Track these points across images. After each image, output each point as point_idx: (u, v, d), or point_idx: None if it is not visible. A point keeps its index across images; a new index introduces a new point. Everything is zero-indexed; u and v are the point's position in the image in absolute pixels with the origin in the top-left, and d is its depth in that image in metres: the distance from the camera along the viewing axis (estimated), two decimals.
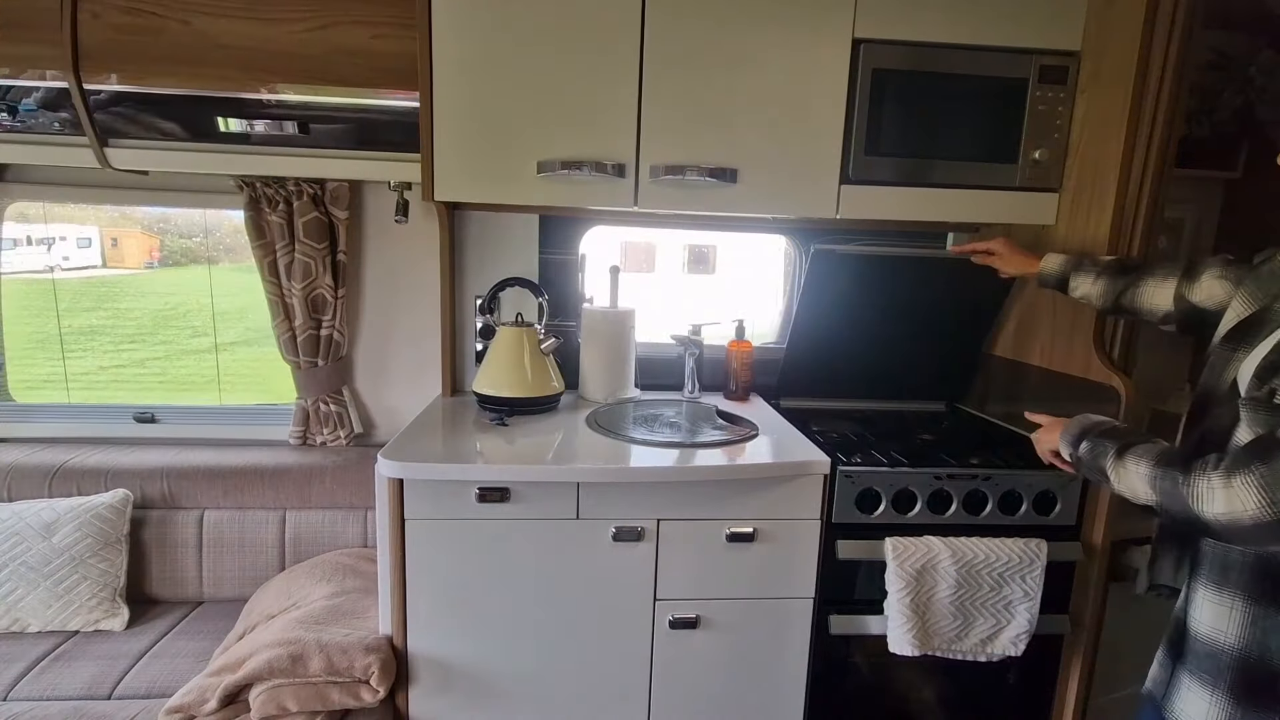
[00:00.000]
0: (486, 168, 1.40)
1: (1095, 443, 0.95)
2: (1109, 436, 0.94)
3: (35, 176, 1.73)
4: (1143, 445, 0.89)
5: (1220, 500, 0.76)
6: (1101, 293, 1.24)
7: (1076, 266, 1.29)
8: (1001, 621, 1.27)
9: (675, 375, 1.82)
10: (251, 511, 1.66)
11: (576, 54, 1.37)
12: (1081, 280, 1.27)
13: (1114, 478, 0.90)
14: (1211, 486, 0.77)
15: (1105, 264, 1.26)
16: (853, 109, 1.42)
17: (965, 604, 1.26)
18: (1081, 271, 1.28)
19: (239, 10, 1.38)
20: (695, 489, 1.29)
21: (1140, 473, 0.86)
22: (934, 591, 1.26)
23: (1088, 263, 1.28)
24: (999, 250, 1.42)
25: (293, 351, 1.73)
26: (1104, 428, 0.98)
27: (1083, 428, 0.99)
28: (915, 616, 1.25)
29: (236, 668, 1.20)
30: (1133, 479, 0.87)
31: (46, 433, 1.82)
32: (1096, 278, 1.25)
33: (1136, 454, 0.88)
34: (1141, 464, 0.86)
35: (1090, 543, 1.35)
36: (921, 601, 1.26)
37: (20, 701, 1.29)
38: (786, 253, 1.95)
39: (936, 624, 1.26)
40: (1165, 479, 0.82)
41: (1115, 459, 0.90)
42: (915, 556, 1.25)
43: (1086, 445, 0.96)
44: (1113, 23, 1.35)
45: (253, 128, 1.46)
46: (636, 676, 1.35)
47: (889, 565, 1.26)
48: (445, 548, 1.27)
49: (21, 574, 1.48)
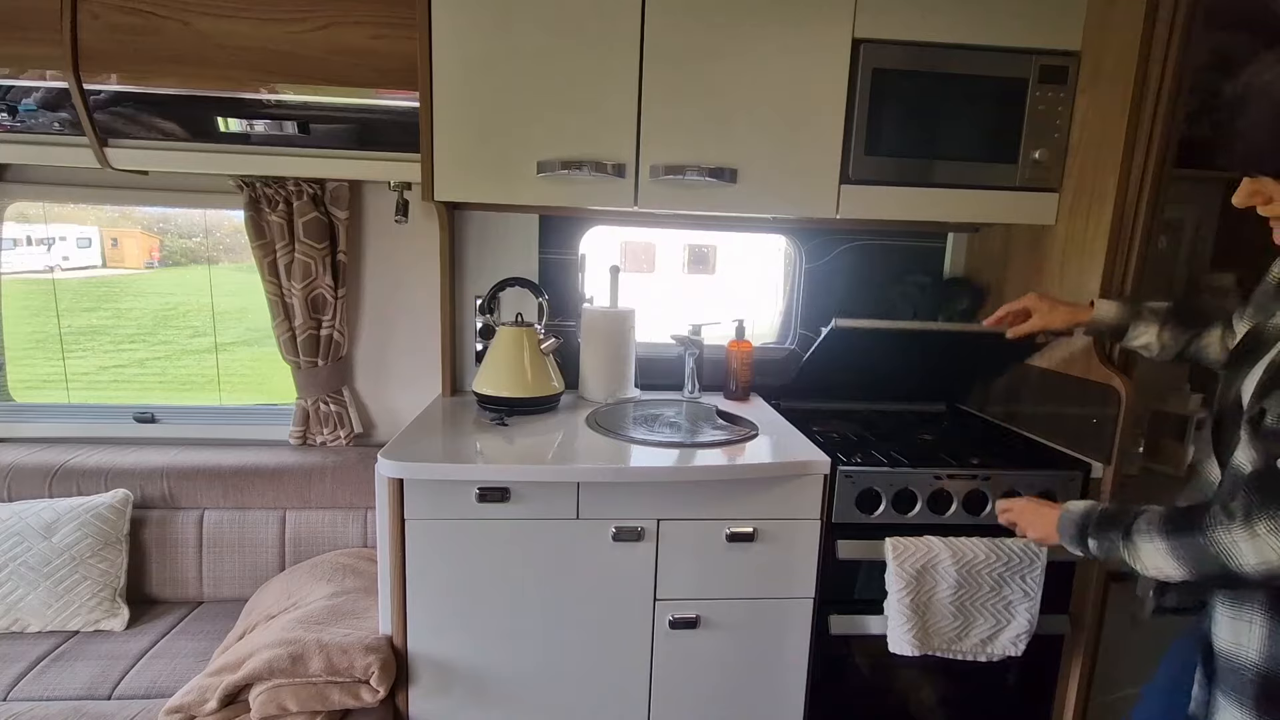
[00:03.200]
0: (486, 168, 1.40)
1: (1101, 538, 0.92)
2: (1109, 525, 0.91)
3: (35, 176, 1.72)
4: (1143, 518, 0.87)
5: (1250, 552, 0.75)
6: (1166, 344, 1.17)
7: (1136, 316, 1.21)
8: (1001, 621, 1.28)
9: (675, 375, 1.82)
10: (251, 511, 1.66)
11: (576, 54, 1.37)
12: (1143, 331, 1.20)
13: (1136, 565, 0.87)
14: (1235, 540, 0.76)
15: (1165, 312, 1.19)
16: (853, 109, 1.42)
17: (965, 604, 1.26)
18: (1142, 321, 1.20)
19: (239, 10, 1.38)
20: (695, 489, 1.29)
21: (1158, 549, 0.84)
22: (934, 591, 1.26)
23: (1147, 311, 1.21)
24: (1036, 306, 1.29)
25: (293, 351, 1.73)
26: (1098, 516, 0.94)
27: (1079, 525, 0.96)
28: (915, 616, 1.25)
29: (236, 668, 1.20)
30: (1154, 558, 0.84)
31: (46, 433, 1.82)
32: (1161, 328, 1.18)
33: (1143, 532, 0.86)
34: (1154, 540, 0.84)
35: None
36: (921, 601, 1.26)
37: (20, 701, 1.29)
38: (786, 253, 1.95)
39: (936, 624, 1.26)
40: (1185, 546, 0.81)
41: (1128, 546, 0.88)
42: (915, 556, 1.25)
43: (1095, 543, 0.93)
44: (1113, 23, 1.35)
45: (253, 128, 1.46)
46: (636, 676, 1.35)
47: (889, 565, 1.26)
48: (445, 548, 1.27)
49: (21, 574, 1.47)
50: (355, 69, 1.42)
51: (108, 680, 1.36)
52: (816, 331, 1.87)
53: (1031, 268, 1.59)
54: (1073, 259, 1.44)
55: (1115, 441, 1.32)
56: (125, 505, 1.59)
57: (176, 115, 1.45)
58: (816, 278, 1.89)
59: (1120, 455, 1.34)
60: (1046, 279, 1.53)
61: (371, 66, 1.42)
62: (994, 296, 1.75)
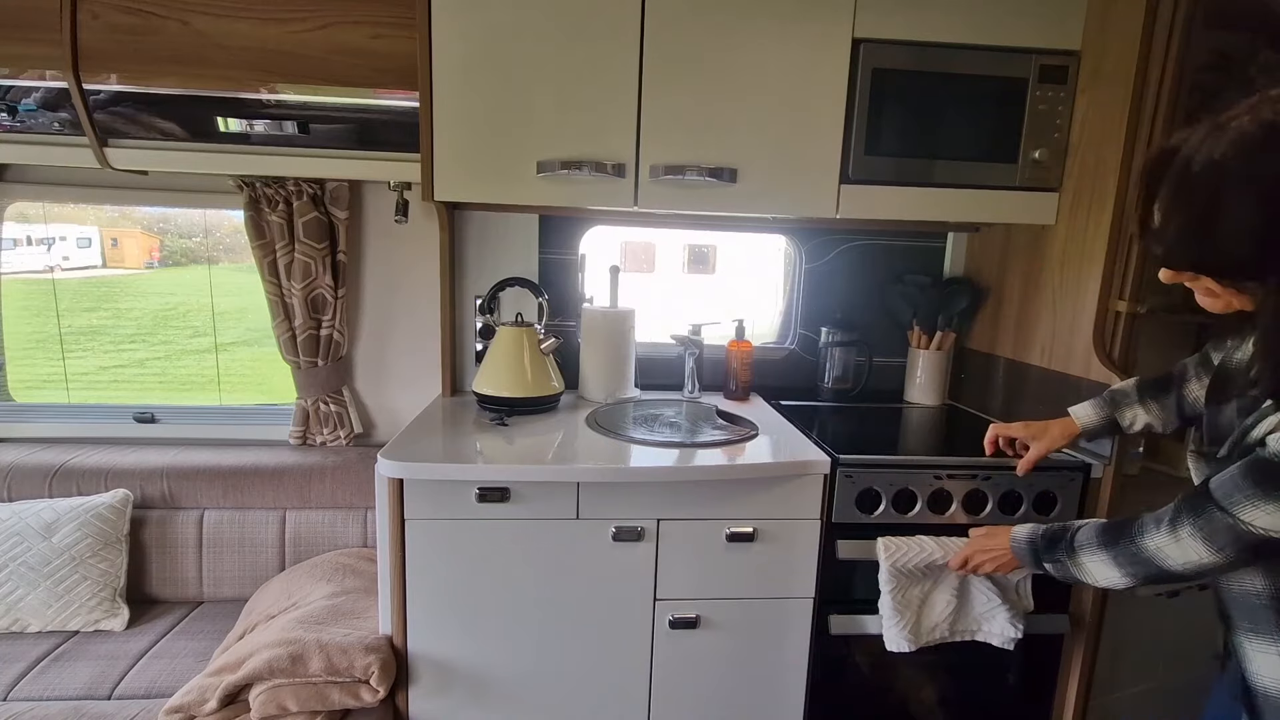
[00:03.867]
0: (486, 168, 1.40)
1: (1052, 560, 1.01)
2: (1054, 545, 1.01)
3: (35, 176, 1.72)
4: (1080, 532, 0.97)
5: (1176, 553, 0.84)
6: (1162, 416, 1.15)
7: (1114, 405, 1.19)
8: (994, 602, 1.27)
9: (675, 375, 1.82)
10: (251, 511, 1.66)
11: (576, 54, 1.37)
12: (1130, 413, 1.18)
13: (1086, 578, 0.96)
14: (1160, 545, 0.85)
15: (1139, 386, 1.18)
16: (853, 109, 1.42)
17: (958, 594, 1.26)
18: (1123, 407, 1.18)
19: (239, 10, 1.38)
20: (695, 489, 1.29)
21: (1101, 560, 0.93)
22: (926, 588, 1.26)
23: (1120, 395, 1.19)
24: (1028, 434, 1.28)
25: (293, 351, 1.73)
26: (1042, 539, 1.04)
27: (1031, 550, 1.05)
28: (909, 612, 1.25)
29: (236, 668, 1.20)
30: (1100, 569, 0.93)
31: (46, 433, 1.81)
32: (1143, 405, 1.16)
33: (1084, 546, 0.95)
34: (1096, 552, 0.93)
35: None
36: (914, 598, 1.25)
37: (20, 701, 1.29)
38: (786, 253, 1.95)
39: (930, 617, 1.26)
40: (1122, 554, 0.90)
41: (1075, 563, 0.97)
42: (906, 555, 1.25)
43: (1050, 566, 1.01)
44: (1113, 23, 1.35)
45: (253, 128, 1.46)
46: (636, 676, 1.35)
47: (881, 564, 1.26)
48: (445, 548, 1.27)
49: (21, 574, 1.47)
50: (355, 69, 1.42)
51: (108, 680, 1.36)
52: (816, 331, 1.88)
53: (1031, 268, 1.59)
54: (1073, 259, 1.44)
55: (1115, 442, 1.32)
56: (125, 505, 1.59)
57: (176, 115, 1.45)
58: (816, 278, 1.89)
59: (1120, 455, 1.34)
60: (1046, 279, 1.53)
61: (371, 66, 1.42)
62: (994, 296, 1.75)
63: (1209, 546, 0.80)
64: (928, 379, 1.83)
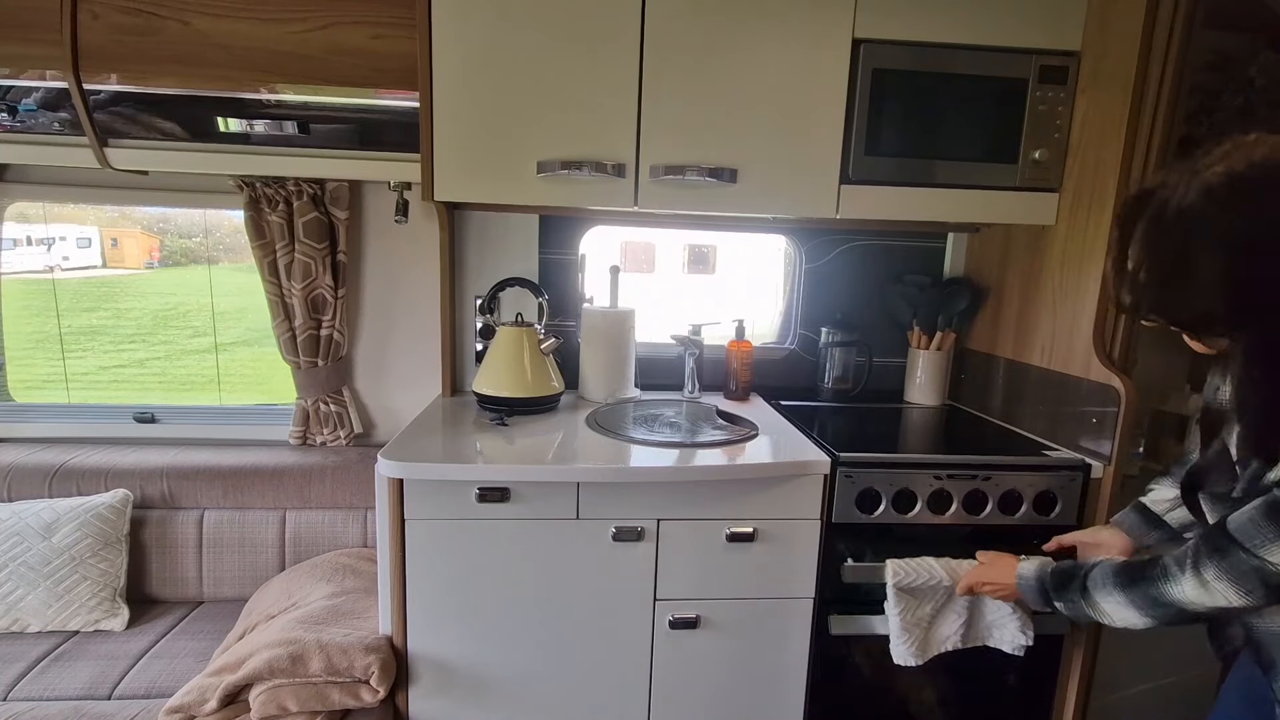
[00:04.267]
0: (486, 168, 1.40)
1: (1063, 599, 0.98)
2: (1065, 584, 0.97)
3: (35, 176, 1.72)
4: (1095, 573, 0.93)
5: (1203, 597, 0.81)
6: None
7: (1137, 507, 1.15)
8: (1006, 623, 1.26)
9: (675, 375, 1.82)
10: (251, 511, 1.66)
11: (577, 54, 1.37)
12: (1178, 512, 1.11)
13: (1101, 619, 0.93)
14: (1185, 591, 0.83)
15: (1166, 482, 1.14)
16: (853, 109, 1.42)
17: (970, 610, 1.26)
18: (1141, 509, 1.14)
19: (239, 10, 1.38)
20: (695, 489, 1.29)
21: (1118, 601, 0.90)
22: (936, 608, 1.25)
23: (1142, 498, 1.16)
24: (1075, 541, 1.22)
25: (293, 351, 1.73)
26: (1051, 577, 1.00)
27: (1039, 588, 1.02)
28: (917, 630, 1.24)
29: (236, 668, 1.20)
30: (1117, 610, 0.90)
31: (46, 433, 1.81)
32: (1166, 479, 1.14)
33: (1100, 587, 0.92)
34: (1113, 593, 0.90)
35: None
36: (923, 617, 1.25)
37: (20, 701, 1.29)
38: (786, 253, 1.95)
39: (938, 633, 1.26)
40: (1142, 598, 0.87)
41: (1089, 603, 0.93)
42: (912, 579, 1.23)
43: (1060, 604, 0.99)
44: (1113, 23, 1.35)
45: (253, 128, 1.46)
46: (636, 676, 1.35)
47: (889, 588, 1.24)
48: (445, 548, 1.26)
49: (21, 574, 1.47)
50: (355, 69, 1.42)
51: (108, 680, 1.36)
52: (816, 332, 1.88)
53: (1031, 268, 1.59)
54: (1073, 259, 1.44)
55: (1115, 441, 1.32)
56: (125, 505, 1.59)
57: (176, 115, 1.45)
58: (816, 278, 1.89)
59: (1120, 455, 1.33)
60: (1046, 279, 1.53)
61: (371, 66, 1.42)
62: (994, 297, 1.75)
63: (1237, 590, 0.79)
64: (928, 379, 1.83)
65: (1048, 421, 1.52)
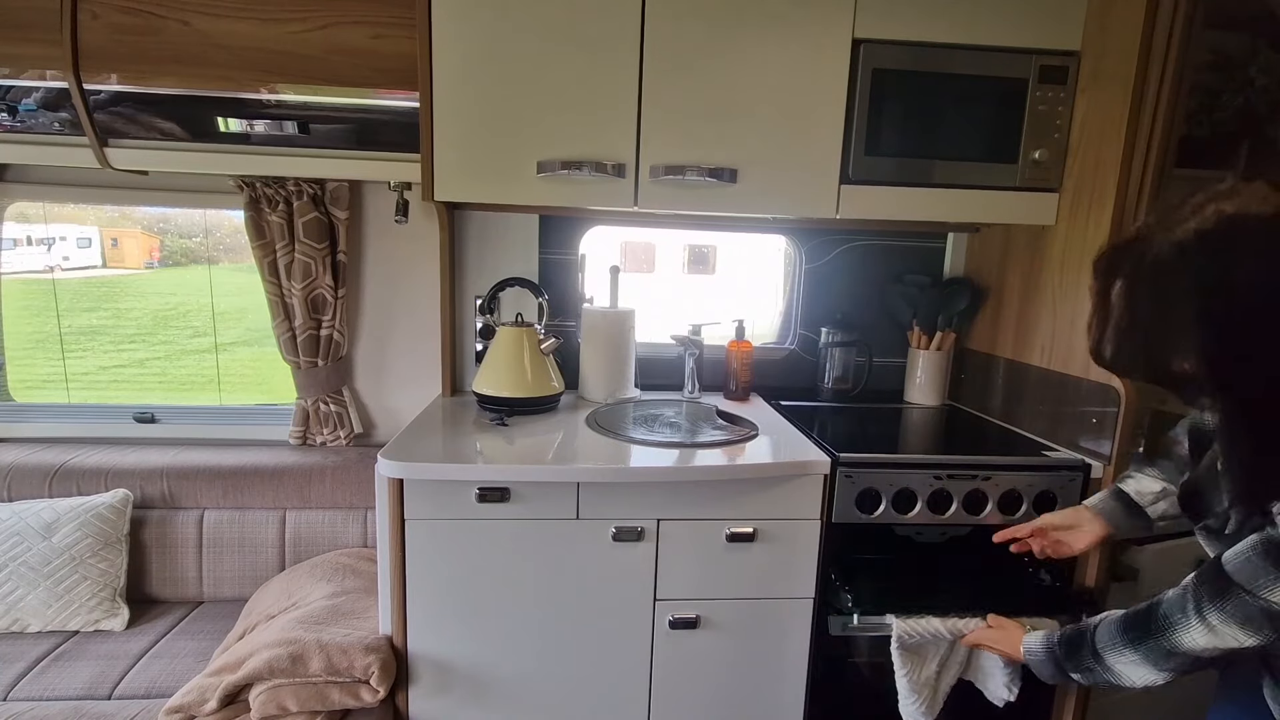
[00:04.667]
0: (486, 168, 1.40)
1: (1079, 669, 0.93)
2: (1075, 651, 0.93)
3: (35, 176, 1.72)
4: (1100, 632, 0.90)
5: (1212, 640, 0.80)
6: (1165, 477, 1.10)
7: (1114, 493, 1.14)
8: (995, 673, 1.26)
9: (675, 375, 1.82)
10: (251, 511, 1.66)
11: (576, 54, 1.37)
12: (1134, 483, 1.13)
13: (1124, 683, 0.89)
14: (1194, 638, 0.81)
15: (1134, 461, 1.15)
16: (853, 109, 1.42)
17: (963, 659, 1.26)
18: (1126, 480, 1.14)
19: (239, 10, 1.38)
20: (695, 489, 1.29)
21: (1133, 661, 0.87)
22: (939, 667, 1.25)
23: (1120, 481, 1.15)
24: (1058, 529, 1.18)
25: (293, 351, 1.73)
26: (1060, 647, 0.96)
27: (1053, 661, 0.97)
28: (926, 690, 1.24)
29: (236, 668, 1.20)
30: (1135, 671, 0.87)
31: (46, 433, 1.81)
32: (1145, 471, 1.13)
33: (1110, 648, 0.89)
34: (1124, 652, 0.87)
35: None
36: (929, 677, 1.25)
37: (20, 701, 1.29)
38: (786, 253, 1.95)
39: (943, 687, 1.26)
40: (1154, 652, 0.84)
41: (1105, 669, 0.90)
42: (917, 639, 1.23)
43: (1078, 675, 0.94)
44: (1113, 23, 1.35)
45: (253, 128, 1.46)
46: (636, 676, 1.35)
47: (894, 650, 1.23)
48: (445, 548, 1.26)
49: (21, 574, 1.47)
50: (355, 69, 1.42)
51: (108, 680, 1.36)
52: (816, 332, 1.88)
53: (1031, 268, 1.59)
54: (1073, 259, 1.44)
55: (1115, 442, 1.32)
56: (125, 505, 1.59)
57: (176, 115, 1.45)
58: (816, 278, 1.89)
59: (1120, 455, 1.33)
60: (1046, 279, 1.53)
61: (371, 66, 1.42)
62: (994, 296, 1.75)
63: (1245, 630, 0.78)
64: (928, 379, 1.84)
65: (1048, 421, 1.52)
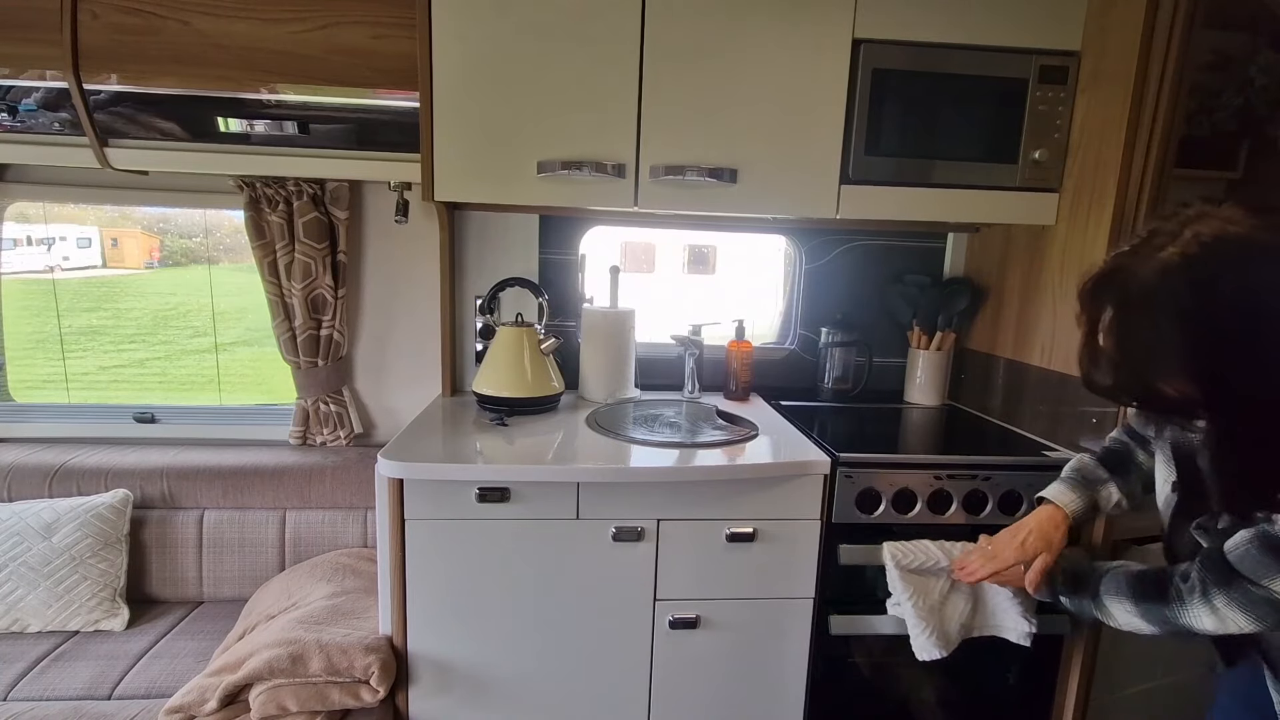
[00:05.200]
0: (486, 168, 1.40)
1: (1072, 598, 1.01)
2: (1076, 586, 1.01)
3: (35, 176, 1.72)
4: (1109, 579, 0.96)
5: (1213, 623, 0.84)
6: (1130, 492, 1.13)
7: (1089, 484, 1.13)
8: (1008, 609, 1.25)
9: (675, 375, 1.82)
10: (251, 511, 1.66)
11: (576, 54, 1.37)
12: (1106, 491, 1.13)
13: (1109, 621, 0.96)
14: (1198, 614, 0.85)
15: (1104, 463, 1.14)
16: (853, 109, 1.42)
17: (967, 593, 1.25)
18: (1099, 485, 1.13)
19: (239, 10, 1.38)
20: (695, 489, 1.29)
21: (1128, 610, 0.93)
22: (945, 591, 1.25)
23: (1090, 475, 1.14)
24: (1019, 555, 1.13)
25: (293, 351, 1.73)
26: (1062, 574, 1.03)
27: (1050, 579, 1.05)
28: (933, 618, 1.23)
29: (236, 668, 1.20)
30: (1126, 618, 0.93)
31: (46, 433, 1.81)
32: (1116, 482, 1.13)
33: (1111, 595, 0.95)
34: (1124, 602, 0.94)
35: (1091, 542, 1.34)
36: (934, 603, 1.24)
37: (20, 701, 1.29)
38: (786, 253, 1.95)
39: (951, 619, 1.24)
40: (1153, 613, 0.90)
41: (1098, 606, 0.97)
42: (914, 560, 1.24)
43: (1067, 601, 1.02)
44: (1113, 23, 1.35)
45: (253, 128, 1.46)
46: (636, 676, 1.35)
47: (889, 571, 1.24)
48: (445, 548, 1.26)
49: (21, 574, 1.47)
50: (355, 69, 1.42)
51: (108, 680, 1.35)
52: (816, 332, 1.88)
53: (1031, 268, 1.59)
54: (1073, 259, 1.44)
55: None
56: (125, 505, 1.59)
57: (176, 115, 1.45)
58: (816, 278, 1.89)
59: None
60: (1046, 279, 1.53)
61: (371, 66, 1.42)
62: (994, 297, 1.75)
63: (1248, 617, 0.81)
64: (928, 379, 1.84)
65: (1048, 421, 1.52)
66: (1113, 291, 0.79)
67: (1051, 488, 1.16)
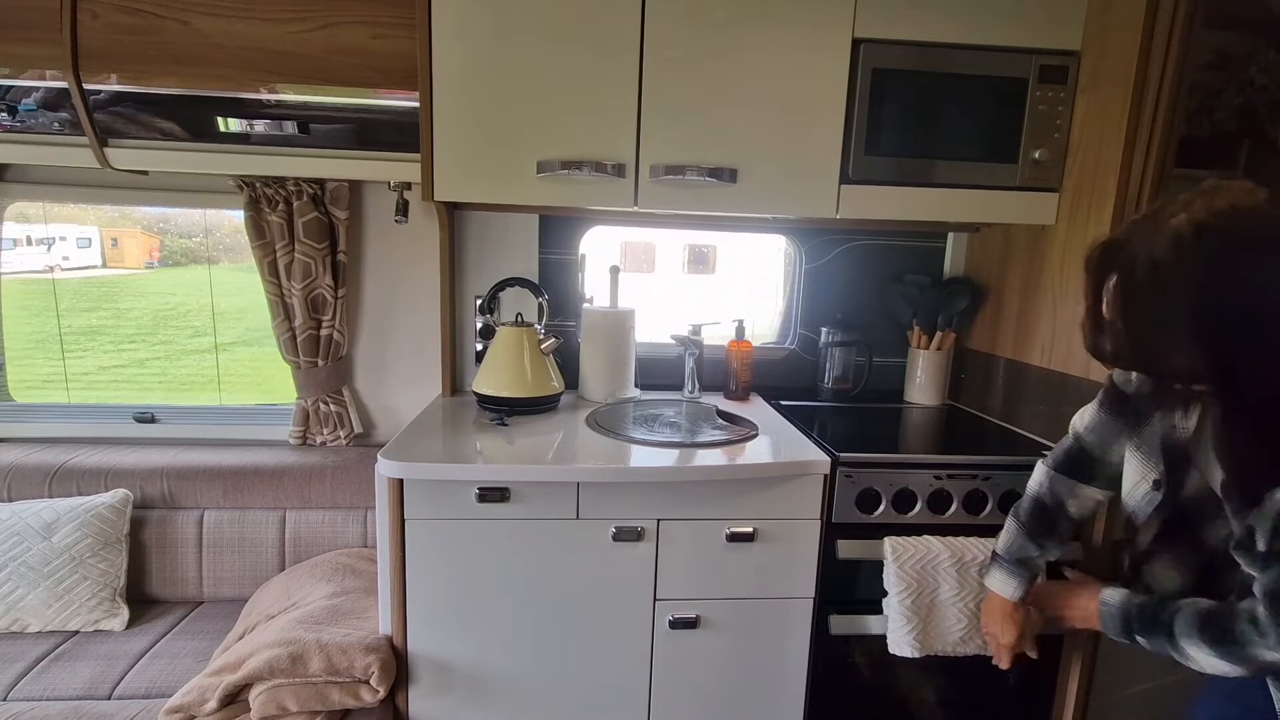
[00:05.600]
0: (486, 168, 1.40)
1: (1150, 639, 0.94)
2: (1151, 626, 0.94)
3: (35, 176, 1.72)
4: (1180, 621, 0.90)
5: None
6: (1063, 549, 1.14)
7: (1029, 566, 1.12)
8: None
9: (675, 375, 1.82)
10: (251, 511, 1.66)
11: (576, 54, 1.37)
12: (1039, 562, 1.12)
13: (1193, 666, 0.90)
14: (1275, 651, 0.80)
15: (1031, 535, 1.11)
16: (853, 109, 1.42)
17: (968, 604, 1.26)
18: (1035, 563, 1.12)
19: (238, 10, 1.38)
20: (695, 489, 1.29)
21: (1209, 654, 0.87)
22: (935, 592, 1.26)
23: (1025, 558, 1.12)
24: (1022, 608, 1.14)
25: (293, 351, 1.73)
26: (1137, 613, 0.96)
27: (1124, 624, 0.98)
28: (916, 618, 1.25)
29: (236, 668, 1.20)
30: (1209, 661, 0.87)
31: (46, 433, 1.81)
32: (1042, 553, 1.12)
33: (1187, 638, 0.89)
34: (1202, 647, 0.87)
35: (1091, 542, 1.34)
36: (923, 604, 1.25)
37: (20, 701, 1.29)
38: (786, 253, 1.95)
39: (938, 625, 1.26)
40: (1232, 655, 0.85)
41: (1177, 650, 0.90)
42: (914, 556, 1.25)
43: (1145, 642, 0.95)
44: (1113, 23, 1.35)
45: (253, 128, 1.46)
46: (636, 676, 1.35)
47: (887, 565, 1.26)
48: (445, 548, 1.26)
49: (21, 574, 1.47)
50: (355, 69, 1.42)
51: (108, 680, 1.35)
52: (816, 331, 1.88)
53: (1031, 268, 1.59)
54: (1073, 259, 1.44)
55: None
56: (125, 505, 1.59)
57: (176, 115, 1.45)
58: (816, 278, 1.89)
59: None
60: (1046, 279, 1.53)
61: (371, 66, 1.42)
62: (994, 296, 1.75)
63: None
64: (928, 379, 1.84)
65: (1048, 421, 1.52)
66: (1122, 259, 0.78)
67: (992, 578, 1.15)
